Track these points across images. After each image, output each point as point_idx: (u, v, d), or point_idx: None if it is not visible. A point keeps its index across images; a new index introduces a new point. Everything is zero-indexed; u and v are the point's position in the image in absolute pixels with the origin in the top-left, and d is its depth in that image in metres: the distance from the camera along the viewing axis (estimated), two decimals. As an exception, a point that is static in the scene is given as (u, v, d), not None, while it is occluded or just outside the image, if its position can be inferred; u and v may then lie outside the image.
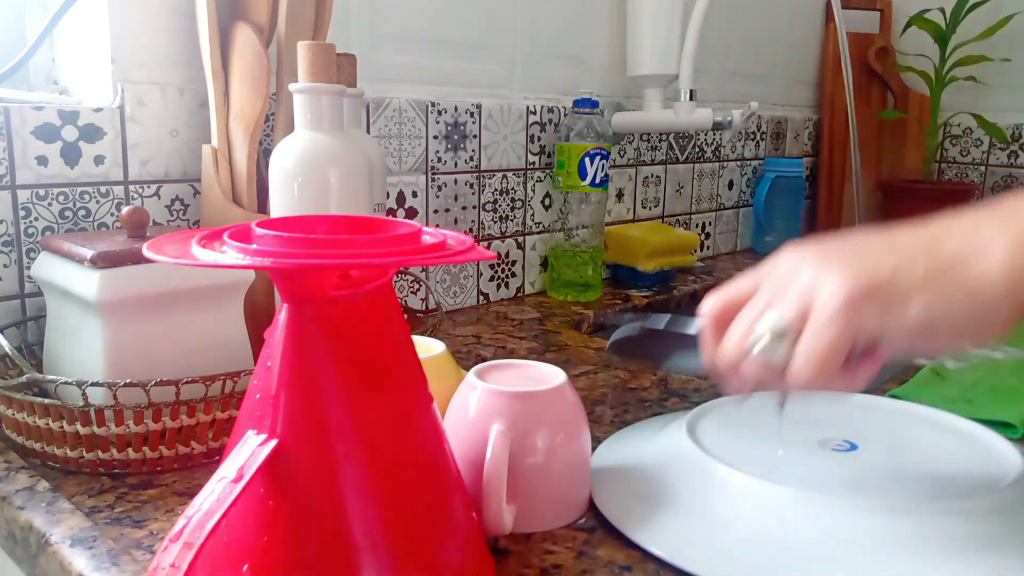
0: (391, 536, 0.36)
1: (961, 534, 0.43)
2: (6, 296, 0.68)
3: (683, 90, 1.10)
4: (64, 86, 0.78)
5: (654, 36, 1.13)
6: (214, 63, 0.70)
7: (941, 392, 0.73)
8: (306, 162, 0.57)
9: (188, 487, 0.53)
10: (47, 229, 0.69)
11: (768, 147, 1.55)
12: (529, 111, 1.07)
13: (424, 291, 0.98)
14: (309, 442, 0.35)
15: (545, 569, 0.44)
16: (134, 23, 0.73)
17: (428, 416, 0.40)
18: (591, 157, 1.04)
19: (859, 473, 0.49)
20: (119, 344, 0.56)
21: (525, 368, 0.52)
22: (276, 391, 0.36)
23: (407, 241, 0.36)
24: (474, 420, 0.47)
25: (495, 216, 1.06)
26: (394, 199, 0.94)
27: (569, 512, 0.49)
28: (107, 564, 0.43)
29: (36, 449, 0.55)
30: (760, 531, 0.44)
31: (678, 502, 0.48)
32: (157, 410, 0.53)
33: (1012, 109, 1.58)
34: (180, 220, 0.77)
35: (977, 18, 1.48)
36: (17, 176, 0.67)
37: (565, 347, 0.87)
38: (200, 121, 0.77)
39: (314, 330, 0.36)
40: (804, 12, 1.58)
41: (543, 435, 0.47)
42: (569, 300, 1.08)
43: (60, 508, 0.49)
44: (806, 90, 1.64)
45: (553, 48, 1.10)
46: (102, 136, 0.72)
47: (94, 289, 0.54)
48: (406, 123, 0.93)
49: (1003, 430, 0.59)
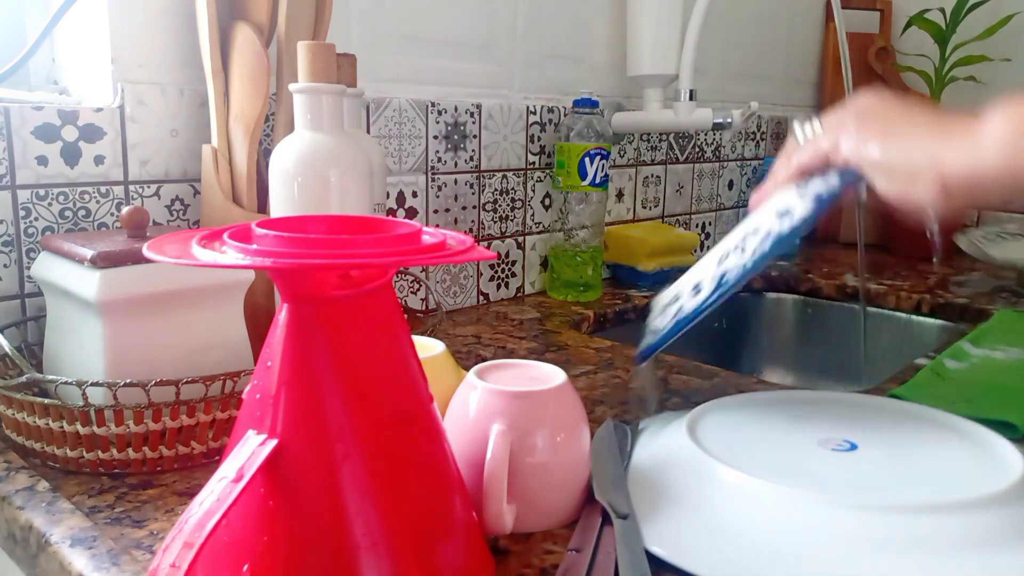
0: (391, 536, 0.36)
1: (961, 534, 0.43)
2: (6, 296, 0.68)
3: (683, 90, 1.10)
4: (64, 86, 0.78)
5: (654, 36, 1.13)
6: (214, 63, 0.70)
7: (941, 392, 0.73)
8: (306, 162, 0.57)
9: (188, 487, 0.53)
10: (47, 229, 0.69)
11: (768, 147, 1.55)
12: (529, 111, 1.07)
13: (424, 291, 0.98)
14: (309, 442, 0.35)
15: (545, 569, 0.44)
16: (134, 23, 0.73)
17: (428, 416, 0.40)
18: (591, 157, 1.04)
19: (859, 473, 0.49)
20: (119, 344, 0.56)
21: (525, 368, 0.52)
22: (276, 391, 0.36)
23: (407, 241, 0.36)
24: (474, 420, 0.47)
25: (495, 216, 1.06)
26: (394, 199, 0.94)
27: (569, 512, 0.49)
28: (107, 564, 0.43)
29: (36, 449, 0.55)
30: (760, 531, 0.44)
31: (678, 502, 0.48)
32: (157, 410, 0.53)
33: (1012, 109, 1.57)
34: (180, 220, 0.77)
35: (977, 18, 1.48)
36: (17, 176, 0.67)
37: (565, 347, 0.87)
38: (200, 121, 0.77)
39: (314, 330, 0.36)
40: (804, 12, 1.58)
41: (543, 435, 0.47)
42: (569, 300, 1.08)
43: (60, 508, 0.49)
44: (806, 90, 1.64)
45: (553, 48, 1.10)
46: (102, 136, 0.72)
47: (94, 289, 0.54)
48: (406, 123, 0.93)
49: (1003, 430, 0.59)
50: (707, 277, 0.47)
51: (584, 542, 0.46)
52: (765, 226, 0.47)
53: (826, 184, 0.48)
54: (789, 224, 0.46)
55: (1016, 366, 0.80)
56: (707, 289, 0.47)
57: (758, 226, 0.47)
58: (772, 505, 0.45)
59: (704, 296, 0.47)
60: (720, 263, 0.47)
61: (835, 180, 0.48)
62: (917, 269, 1.33)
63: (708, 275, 0.47)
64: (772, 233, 0.46)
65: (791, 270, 1.35)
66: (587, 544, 0.45)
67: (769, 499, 0.45)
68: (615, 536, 0.46)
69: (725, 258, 0.47)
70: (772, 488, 0.45)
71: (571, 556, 0.44)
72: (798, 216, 0.46)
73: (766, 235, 0.46)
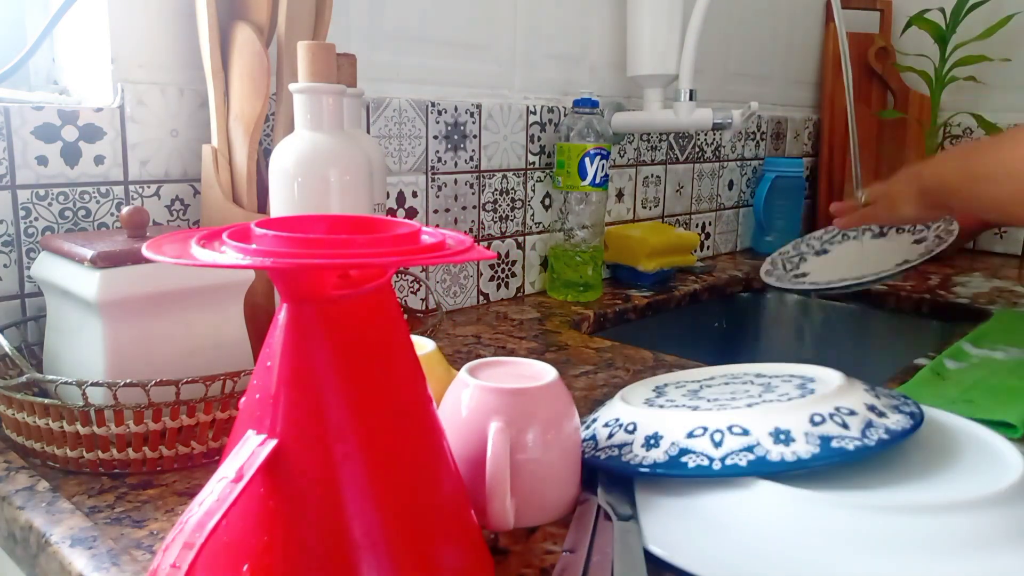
0: (391, 536, 0.36)
1: (961, 534, 0.43)
2: (6, 296, 0.68)
3: (683, 90, 1.10)
4: (64, 86, 0.78)
5: (654, 36, 1.13)
6: (214, 63, 0.70)
7: (941, 392, 0.73)
8: (306, 162, 0.57)
9: (188, 487, 0.53)
10: (47, 229, 0.69)
11: (768, 147, 1.55)
12: (529, 111, 1.07)
13: (424, 291, 0.98)
14: (309, 442, 0.35)
15: (545, 569, 0.44)
16: (134, 23, 0.73)
17: (428, 416, 0.40)
18: (591, 157, 1.04)
19: (859, 473, 0.49)
20: (119, 344, 0.56)
21: (516, 365, 0.53)
22: (276, 391, 0.36)
23: (406, 241, 0.36)
24: (468, 418, 0.47)
25: (495, 216, 1.06)
26: (394, 199, 0.94)
27: (564, 506, 0.50)
28: (107, 564, 0.43)
29: (36, 449, 0.55)
30: (759, 530, 0.44)
31: (677, 501, 0.48)
32: (157, 410, 0.53)
33: (1012, 109, 1.58)
34: (180, 220, 0.77)
35: (977, 18, 1.48)
36: (17, 176, 0.67)
37: (565, 347, 0.87)
38: (200, 121, 0.77)
39: (314, 330, 0.36)
40: (804, 12, 1.58)
41: (538, 431, 0.48)
42: (569, 300, 1.08)
43: (60, 508, 0.49)
44: (806, 90, 1.64)
45: (553, 48, 1.10)
46: (102, 136, 0.72)
47: (94, 289, 0.54)
48: (406, 123, 0.93)
49: (1003, 430, 0.59)
50: (798, 431, 0.47)
51: (578, 542, 0.46)
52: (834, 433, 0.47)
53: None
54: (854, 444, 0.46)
55: (1016, 366, 0.80)
56: (802, 448, 0.47)
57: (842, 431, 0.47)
58: (771, 504, 0.45)
59: (804, 455, 0.47)
60: (814, 424, 0.47)
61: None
62: (918, 269, 1.33)
63: (800, 430, 0.47)
64: (848, 445, 0.46)
65: (791, 270, 1.35)
66: (581, 544, 0.45)
67: (769, 499, 0.45)
68: (613, 537, 0.46)
69: (820, 423, 0.47)
70: (772, 488, 0.45)
71: (566, 557, 0.44)
72: (852, 447, 0.47)
73: (839, 436, 0.47)
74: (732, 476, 0.46)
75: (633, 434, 0.51)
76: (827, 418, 0.48)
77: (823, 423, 0.47)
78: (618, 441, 0.52)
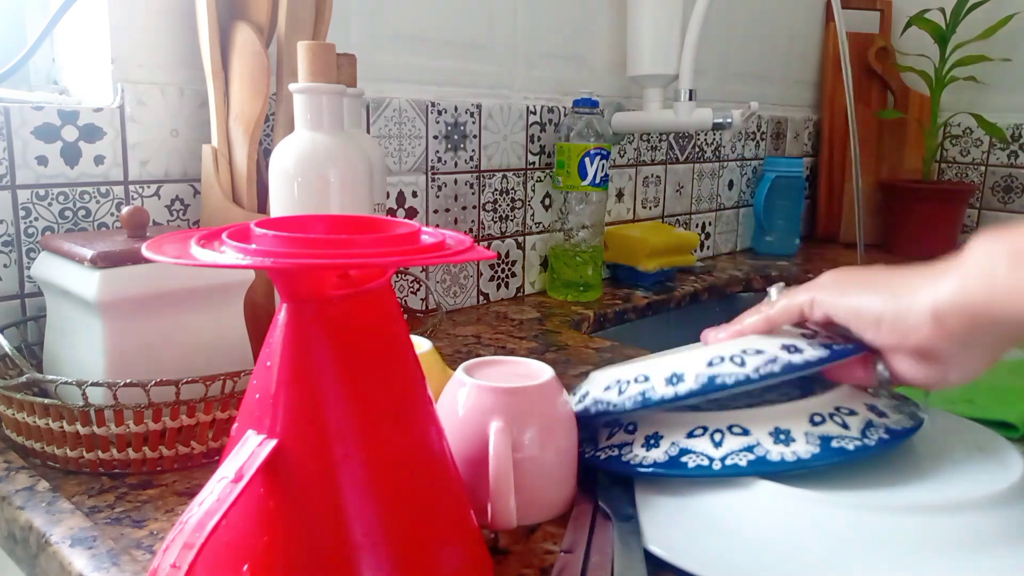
0: (391, 536, 0.36)
1: (961, 534, 0.43)
2: (6, 296, 0.68)
3: (683, 90, 1.10)
4: (64, 86, 0.78)
5: (654, 36, 1.13)
6: (214, 63, 0.70)
7: (941, 392, 0.73)
8: (306, 162, 0.57)
9: (188, 487, 0.53)
10: (47, 229, 0.69)
11: (768, 147, 1.55)
12: (529, 111, 1.07)
13: (424, 291, 0.98)
14: (309, 442, 0.35)
15: (545, 569, 0.44)
16: (134, 23, 0.73)
17: (428, 416, 0.40)
18: (591, 157, 1.04)
19: (859, 473, 0.49)
20: (119, 344, 0.56)
21: (512, 364, 0.53)
22: (276, 391, 0.36)
23: (406, 241, 0.36)
24: (465, 417, 0.47)
25: (495, 216, 1.06)
26: (394, 199, 0.94)
27: (562, 503, 0.50)
28: (107, 564, 0.43)
29: (36, 449, 0.55)
30: (759, 530, 0.44)
31: (677, 501, 0.48)
32: (157, 410, 0.53)
33: (1012, 109, 1.58)
34: (180, 220, 0.77)
35: (977, 18, 1.48)
36: (17, 176, 0.67)
37: (565, 347, 0.87)
38: (200, 121, 0.77)
39: (314, 330, 0.36)
40: (804, 12, 1.58)
41: (536, 429, 0.48)
42: (569, 300, 1.08)
43: (60, 508, 0.49)
44: (806, 90, 1.64)
45: (553, 48, 1.10)
46: (102, 136, 0.72)
47: (94, 289, 0.54)
48: (406, 123, 0.93)
49: (1003, 430, 0.59)
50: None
51: (575, 543, 0.46)
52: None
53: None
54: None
55: (1016, 366, 0.80)
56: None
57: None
58: (772, 505, 0.45)
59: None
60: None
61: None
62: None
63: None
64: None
65: (791, 270, 1.35)
66: (578, 544, 0.45)
67: (769, 499, 0.45)
68: (613, 537, 0.46)
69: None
70: (772, 488, 0.45)
71: (564, 557, 0.44)
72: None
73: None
74: (732, 476, 0.46)
75: (633, 434, 0.52)
76: (827, 418, 0.48)
77: (823, 423, 0.47)
78: (618, 441, 0.52)
